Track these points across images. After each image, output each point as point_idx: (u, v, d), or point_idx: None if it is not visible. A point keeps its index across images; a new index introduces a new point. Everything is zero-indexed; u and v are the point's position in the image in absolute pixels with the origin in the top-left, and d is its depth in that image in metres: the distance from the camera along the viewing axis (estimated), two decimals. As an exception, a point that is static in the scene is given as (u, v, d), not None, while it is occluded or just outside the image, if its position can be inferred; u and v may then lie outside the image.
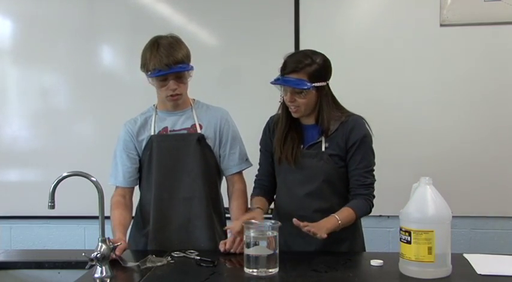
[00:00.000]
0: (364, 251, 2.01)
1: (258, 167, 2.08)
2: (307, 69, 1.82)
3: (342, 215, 1.81)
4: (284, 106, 1.92)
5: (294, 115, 1.90)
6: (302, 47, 2.90)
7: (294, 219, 1.72)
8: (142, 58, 1.95)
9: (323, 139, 1.89)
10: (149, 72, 1.91)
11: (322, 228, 1.73)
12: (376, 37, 2.88)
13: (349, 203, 1.88)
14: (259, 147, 2.07)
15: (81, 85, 3.09)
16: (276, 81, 1.86)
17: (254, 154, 2.11)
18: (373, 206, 1.91)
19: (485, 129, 2.83)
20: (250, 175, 2.10)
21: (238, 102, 2.86)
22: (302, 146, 1.92)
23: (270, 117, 2.06)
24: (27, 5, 3.11)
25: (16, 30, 3.13)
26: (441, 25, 2.83)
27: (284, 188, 1.98)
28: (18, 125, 3.13)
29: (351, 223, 1.85)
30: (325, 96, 1.88)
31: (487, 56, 2.82)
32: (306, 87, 1.81)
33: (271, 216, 2.04)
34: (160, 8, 3.02)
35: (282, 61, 1.89)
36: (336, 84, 2.93)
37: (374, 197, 1.91)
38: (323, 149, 1.88)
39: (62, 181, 1.61)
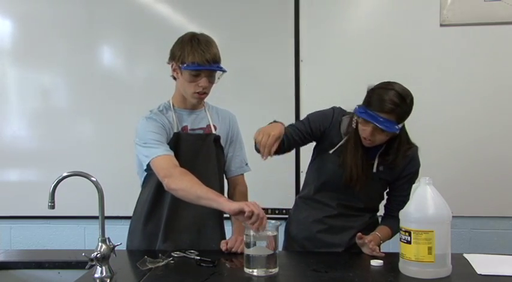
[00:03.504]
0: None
1: (291, 124, 1.99)
2: (398, 112, 1.75)
3: (383, 234, 1.91)
4: (357, 133, 1.86)
5: (365, 145, 1.86)
6: (302, 47, 2.91)
7: (359, 234, 1.82)
8: (178, 50, 1.89)
9: (376, 161, 1.90)
10: (185, 65, 1.86)
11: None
12: (376, 37, 2.88)
13: (388, 222, 1.96)
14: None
15: (81, 85, 3.08)
16: (362, 114, 1.78)
17: (255, 154, 2.11)
18: None
19: (485, 129, 2.83)
20: (249, 179, 2.12)
21: (237, 102, 2.85)
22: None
23: (338, 110, 1.99)
24: (27, 5, 3.11)
25: (16, 30, 3.13)
26: (441, 25, 2.83)
27: (324, 191, 1.98)
28: (18, 125, 3.13)
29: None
30: (401, 135, 1.86)
31: (487, 56, 2.82)
32: (395, 131, 1.77)
33: (286, 216, 2.07)
34: (160, 8, 3.02)
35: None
36: (336, 84, 2.95)
37: None
38: (374, 170, 1.90)
39: (62, 181, 1.61)
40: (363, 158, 1.88)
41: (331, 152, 1.93)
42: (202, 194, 1.73)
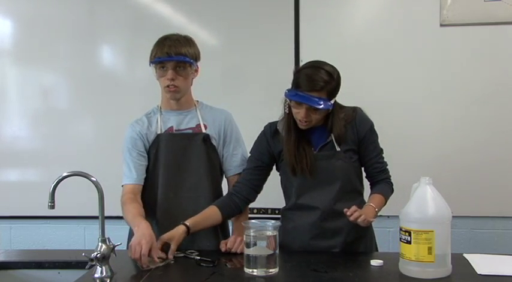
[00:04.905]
0: (377, 250, 2.02)
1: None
2: (327, 87, 1.77)
3: (376, 202, 1.86)
4: (291, 117, 1.87)
5: (302, 127, 1.86)
6: (302, 47, 2.91)
7: (344, 210, 1.73)
8: (151, 51, 1.97)
9: (333, 138, 1.88)
10: (151, 62, 1.94)
11: (368, 213, 1.78)
12: (376, 37, 2.88)
13: (376, 189, 1.93)
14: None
15: (81, 85, 3.09)
16: (293, 97, 1.79)
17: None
18: (393, 185, 1.98)
19: (485, 129, 2.83)
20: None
21: (238, 102, 2.86)
22: (313, 150, 1.90)
23: (267, 126, 2.01)
24: (27, 5, 3.11)
25: (16, 30, 3.13)
26: (441, 25, 2.83)
27: (304, 194, 1.93)
28: (18, 125, 3.13)
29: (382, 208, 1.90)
30: (335, 108, 1.85)
31: (487, 56, 2.82)
32: (328, 107, 1.77)
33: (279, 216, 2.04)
34: (160, 8, 3.02)
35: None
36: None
37: (391, 176, 1.98)
38: (337, 148, 1.88)
39: (62, 181, 1.61)
40: (299, 141, 1.87)
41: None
42: (128, 220, 1.88)
